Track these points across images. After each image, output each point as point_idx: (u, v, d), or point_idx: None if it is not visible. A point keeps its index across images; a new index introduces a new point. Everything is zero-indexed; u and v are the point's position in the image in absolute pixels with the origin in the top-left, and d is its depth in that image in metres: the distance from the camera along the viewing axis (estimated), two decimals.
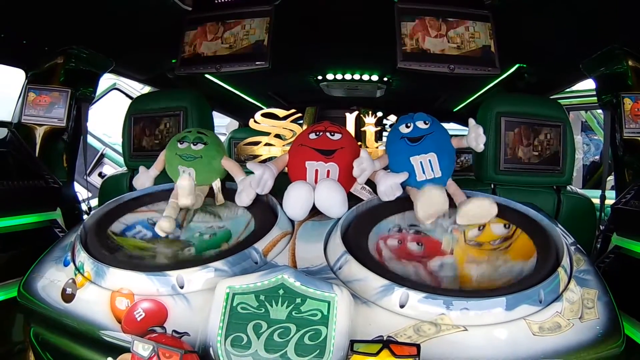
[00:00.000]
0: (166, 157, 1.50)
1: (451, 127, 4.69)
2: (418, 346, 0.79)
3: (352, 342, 0.82)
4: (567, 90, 3.40)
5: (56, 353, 1.22)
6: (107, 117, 4.36)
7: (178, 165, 1.45)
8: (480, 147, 1.36)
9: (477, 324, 0.96)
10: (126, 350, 0.97)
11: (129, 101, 3.93)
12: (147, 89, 4.03)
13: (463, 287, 1.13)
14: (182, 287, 1.08)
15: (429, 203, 1.28)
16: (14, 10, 1.67)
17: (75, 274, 1.20)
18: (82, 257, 1.21)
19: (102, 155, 4.29)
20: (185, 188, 1.32)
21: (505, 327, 0.96)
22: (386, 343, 0.78)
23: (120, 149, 4.27)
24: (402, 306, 0.98)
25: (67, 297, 1.16)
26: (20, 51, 1.97)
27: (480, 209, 1.27)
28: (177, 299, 1.07)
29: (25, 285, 1.25)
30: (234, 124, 4.99)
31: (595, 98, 2.04)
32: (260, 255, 1.17)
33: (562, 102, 3.62)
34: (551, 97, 3.27)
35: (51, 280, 1.23)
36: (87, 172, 3.45)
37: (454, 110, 3.94)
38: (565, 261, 1.12)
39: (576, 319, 1.00)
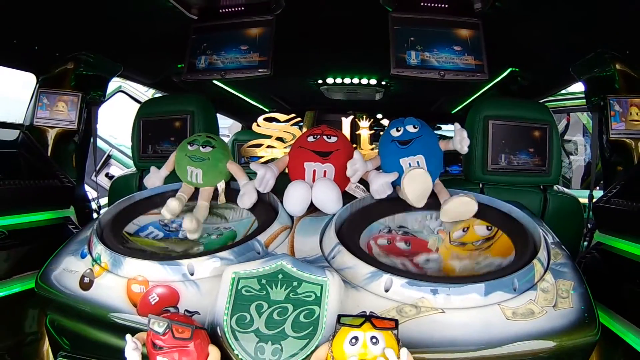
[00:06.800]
0: (176, 158, 1.57)
1: (450, 129, 4.76)
2: (396, 321, 0.89)
3: (339, 316, 0.93)
4: (568, 92, 3.47)
5: (72, 337, 1.30)
6: (114, 119, 4.44)
7: (187, 165, 1.52)
8: (464, 149, 1.42)
9: (453, 307, 1.05)
10: (140, 331, 1.05)
11: (134, 103, 4.03)
12: (151, 92, 4.11)
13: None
14: (192, 274, 1.18)
15: (412, 180, 1.36)
16: (26, 17, 1.74)
17: (93, 265, 1.28)
18: (99, 249, 1.29)
19: (109, 157, 4.32)
20: (190, 230, 1.40)
21: (480, 311, 1.05)
22: (368, 317, 0.89)
23: (126, 150, 4.36)
24: (387, 290, 1.08)
25: (85, 286, 1.25)
26: (32, 56, 2.04)
27: (461, 206, 1.35)
28: (188, 285, 1.17)
29: (42, 277, 1.33)
30: (237, 125, 5.04)
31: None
32: (262, 246, 1.27)
33: (562, 103, 3.72)
34: (547, 98, 3.35)
35: (69, 270, 1.31)
36: (99, 172, 3.55)
37: (452, 112, 3.96)
38: (542, 254, 1.19)
39: (550, 307, 1.07)
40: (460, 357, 1.02)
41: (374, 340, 0.87)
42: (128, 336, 1.00)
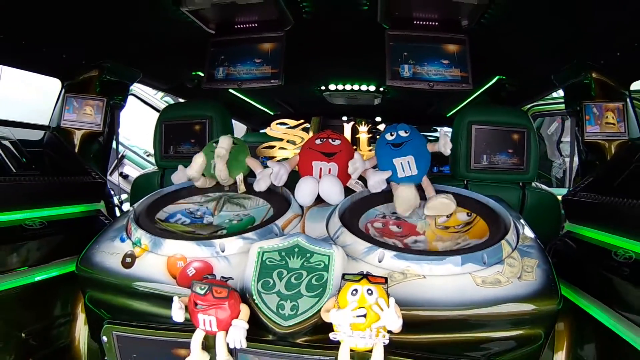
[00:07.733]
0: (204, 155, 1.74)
1: (445, 130, 4.92)
2: (386, 278, 1.15)
3: (344, 275, 1.18)
4: (560, 95, 3.55)
5: (112, 309, 1.43)
6: (125, 121, 4.62)
7: (212, 160, 1.70)
8: (447, 151, 1.61)
9: (433, 274, 1.27)
10: None
11: (144, 106, 4.18)
12: (159, 95, 4.30)
13: None
14: (223, 251, 1.39)
15: (403, 200, 1.57)
16: (55, 28, 1.91)
17: (134, 247, 1.44)
18: (139, 233, 1.46)
19: (123, 157, 4.50)
20: (198, 162, 1.59)
21: (455, 278, 1.26)
22: (365, 275, 1.15)
23: (138, 151, 4.52)
24: (380, 261, 1.31)
25: (127, 265, 1.40)
26: (59, 64, 2.22)
27: (442, 204, 1.54)
28: (220, 259, 1.38)
29: (83, 260, 1.47)
30: (240, 127, 5.18)
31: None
32: (279, 229, 1.49)
33: (552, 107, 3.87)
34: (538, 102, 3.51)
35: (110, 253, 1.46)
36: (112, 171, 3.75)
37: (447, 115, 4.17)
38: (510, 237, 1.37)
39: (515, 279, 1.24)
40: (438, 314, 1.23)
41: (370, 292, 1.11)
42: (175, 298, 1.21)
